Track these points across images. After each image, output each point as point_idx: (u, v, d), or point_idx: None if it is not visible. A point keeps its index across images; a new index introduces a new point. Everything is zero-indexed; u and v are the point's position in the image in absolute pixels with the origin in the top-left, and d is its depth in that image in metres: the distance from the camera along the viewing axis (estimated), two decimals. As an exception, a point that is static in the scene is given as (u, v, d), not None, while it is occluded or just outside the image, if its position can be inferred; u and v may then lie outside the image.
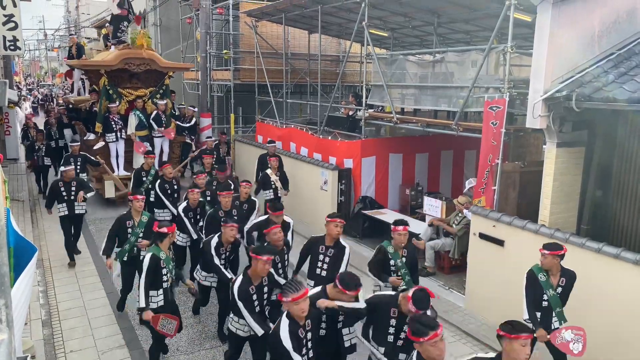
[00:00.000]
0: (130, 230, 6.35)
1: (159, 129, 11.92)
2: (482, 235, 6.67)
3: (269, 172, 9.36)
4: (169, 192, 8.29)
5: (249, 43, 14.39)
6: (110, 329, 6.35)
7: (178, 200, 8.26)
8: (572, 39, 5.90)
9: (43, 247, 9.01)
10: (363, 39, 9.85)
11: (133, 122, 11.70)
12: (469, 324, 6.56)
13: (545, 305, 4.77)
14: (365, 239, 9.47)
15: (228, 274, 5.67)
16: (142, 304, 5.02)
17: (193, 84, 17.18)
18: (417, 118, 8.85)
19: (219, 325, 6.22)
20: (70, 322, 6.52)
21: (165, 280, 5.20)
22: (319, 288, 4.35)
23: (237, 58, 14.87)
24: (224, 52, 14.89)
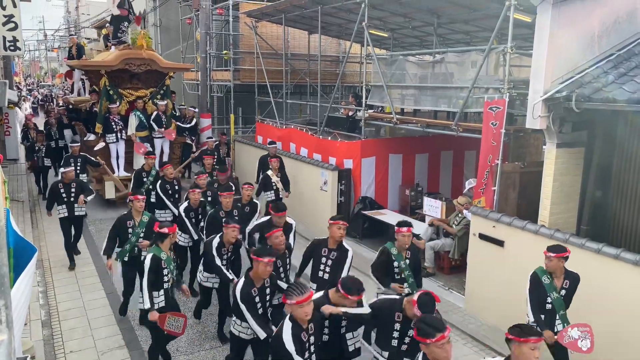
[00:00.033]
0: (131, 230, 6.33)
1: (160, 130, 11.92)
2: (482, 236, 6.67)
3: (270, 173, 9.35)
4: (170, 192, 8.29)
5: (249, 43, 14.39)
6: (110, 330, 6.34)
7: (179, 201, 8.24)
8: (571, 40, 5.91)
9: (43, 247, 9.01)
10: (363, 40, 9.86)
11: (133, 122, 11.69)
12: (469, 325, 6.56)
13: (549, 308, 4.72)
14: (365, 240, 9.47)
15: (230, 275, 5.65)
16: (147, 305, 4.97)
17: (193, 85, 17.19)
18: (417, 118, 8.85)
19: (219, 326, 6.23)
20: (70, 322, 6.52)
21: (166, 281, 5.18)
22: (322, 292, 4.29)
23: (237, 58, 14.88)
24: (224, 52, 14.90)
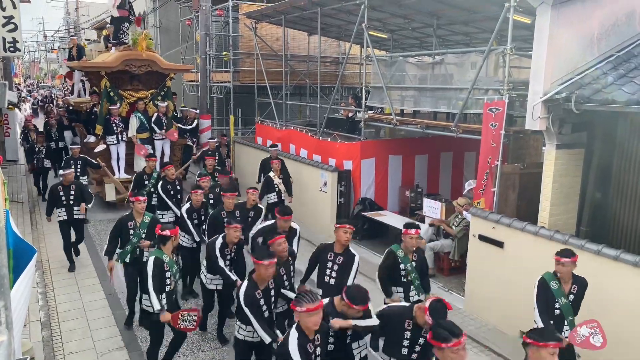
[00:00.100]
0: (132, 231, 6.29)
1: (160, 132, 11.89)
2: (481, 237, 6.67)
3: (272, 174, 9.33)
4: (172, 193, 8.26)
5: (249, 45, 14.38)
6: (110, 331, 6.34)
7: (181, 202, 8.21)
8: (571, 41, 5.91)
9: (42, 248, 9.00)
10: (362, 41, 9.87)
11: (134, 124, 11.66)
12: (469, 326, 6.55)
13: (557, 314, 4.60)
14: (365, 241, 9.46)
15: (232, 276, 5.61)
16: (156, 307, 4.94)
17: (193, 86, 17.20)
18: (416, 120, 8.86)
19: (219, 327, 6.22)
20: (70, 323, 6.51)
21: (168, 284, 5.14)
22: (327, 300, 4.15)
23: (236, 60, 14.87)
24: (224, 53, 14.90)
